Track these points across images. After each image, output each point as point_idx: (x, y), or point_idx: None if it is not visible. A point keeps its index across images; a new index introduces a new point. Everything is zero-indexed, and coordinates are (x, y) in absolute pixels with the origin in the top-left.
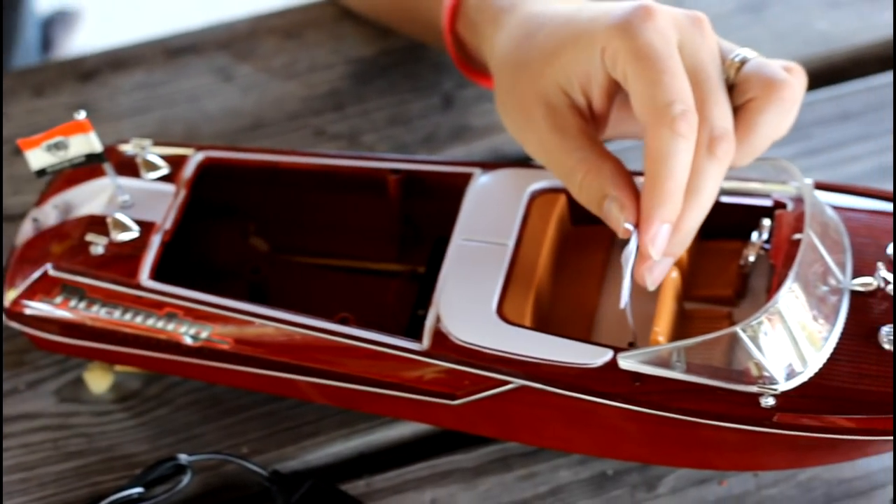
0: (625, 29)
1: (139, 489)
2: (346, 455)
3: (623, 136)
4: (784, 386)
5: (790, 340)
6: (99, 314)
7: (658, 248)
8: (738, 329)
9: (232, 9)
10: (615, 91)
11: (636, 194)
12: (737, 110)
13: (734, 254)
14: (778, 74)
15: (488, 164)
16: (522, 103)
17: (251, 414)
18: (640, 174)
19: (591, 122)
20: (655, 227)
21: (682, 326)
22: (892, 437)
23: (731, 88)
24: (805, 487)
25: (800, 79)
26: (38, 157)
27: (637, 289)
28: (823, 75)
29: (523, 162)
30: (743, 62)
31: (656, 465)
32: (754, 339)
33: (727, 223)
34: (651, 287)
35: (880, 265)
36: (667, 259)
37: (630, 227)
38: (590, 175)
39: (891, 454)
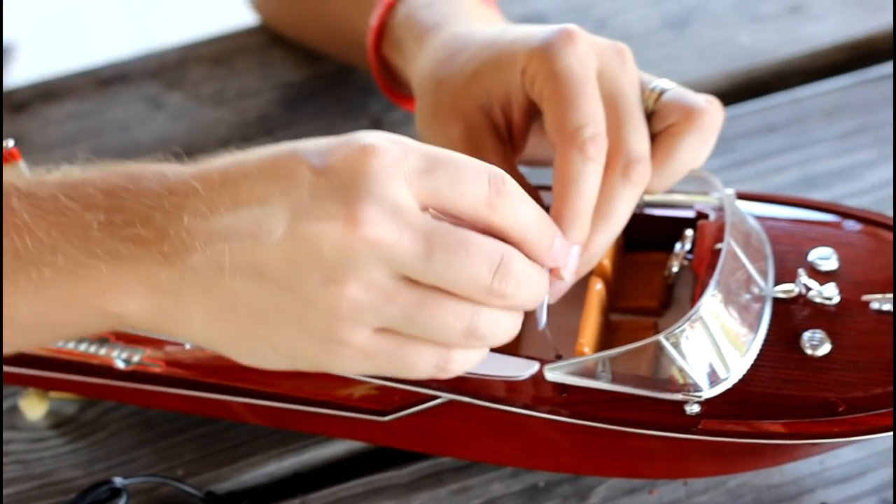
0: (545, 51)
1: None
2: (280, 474)
3: (539, 160)
4: (708, 393)
5: (713, 347)
6: None
7: (570, 269)
8: (661, 338)
9: (162, 38)
10: (533, 113)
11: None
12: (655, 137)
13: (659, 265)
14: (697, 103)
15: None
16: (442, 122)
17: (186, 436)
18: (549, 188)
19: (508, 144)
20: (565, 280)
21: (608, 338)
22: (817, 441)
23: (650, 116)
24: (734, 494)
25: (717, 109)
26: None
27: (563, 302)
28: (747, 89)
29: None
30: (662, 92)
31: (586, 475)
32: (677, 348)
33: (651, 235)
34: (551, 300)
35: (801, 272)
36: (572, 279)
37: None
38: None
39: (816, 458)
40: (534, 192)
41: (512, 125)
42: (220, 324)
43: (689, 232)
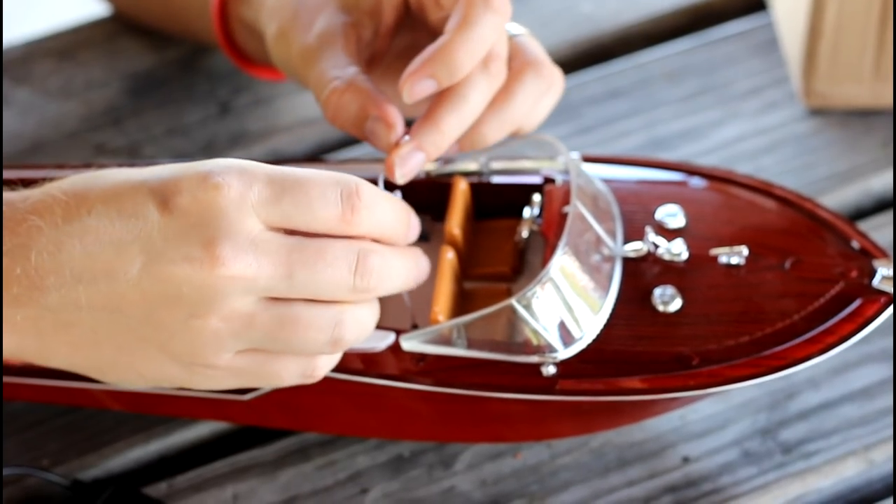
0: None
1: None
2: (146, 459)
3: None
4: (564, 354)
5: (566, 309)
6: None
7: (416, 95)
8: (513, 301)
9: (5, 34)
10: (401, 20)
11: (398, 116)
12: None
13: (509, 231)
14: (542, 55)
15: (271, 163)
16: (301, 27)
17: (49, 426)
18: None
19: (365, 46)
20: (425, 75)
21: (463, 306)
22: (673, 395)
23: None
24: (598, 453)
25: (561, 74)
26: None
27: None
28: (591, 56)
29: (303, 159)
30: (512, 37)
31: (450, 442)
32: (530, 310)
33: (500, 202)
34: (400, 181)
35: (649, 230)
36: (418, 154)
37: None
38: (349, 93)
39: (677, 413)
40: (388, 99)
41: (379, 22)
42: (83, 354)
43: (536, 197)
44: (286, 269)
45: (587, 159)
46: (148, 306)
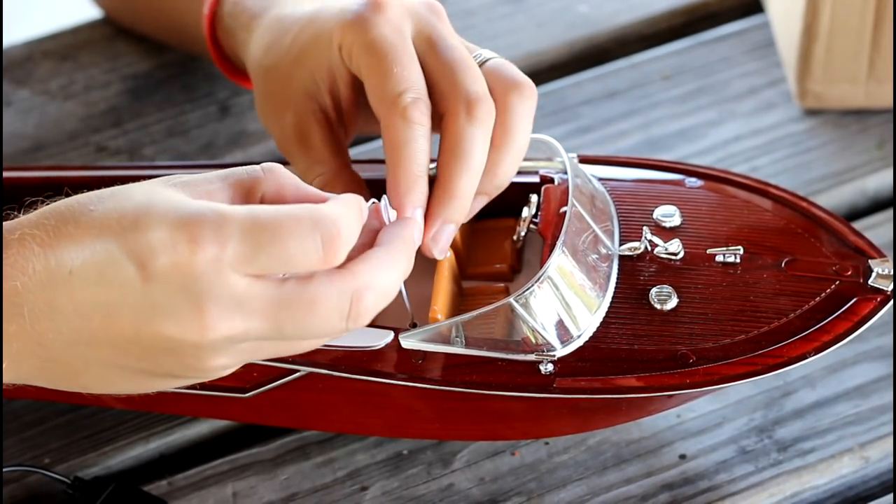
0: (356, 23)
1: None
2: (147, 457)
3: (378, 130)
4: (561, 352)
5: (564, 307)
6: None
7: (440, 247)
8: (511, 300)
9: (5, 35)
10: (360, 87)
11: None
12: None
13: (507, 231)
14: (521, 75)
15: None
16: (274, 111)
17: (50, 424)
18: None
19: (338, 128)
20: (409, 212)
21: (462, 305)
22: (670, 392)
23: None
24: (595, 451)
25: (531, 81)
26: None
27: (416, 273)
28: (588, 56)
29: None
30: (485, 61)
31: (449, 440)
32: (528, 309)
33: (499, 203)
34: (440, 256)
35: (646, 229)
36: (448, 227)
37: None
38: (329, 187)
39: (674, 412)
40: (362, 186)
41: (341, 102)
42: (94, 387)
43: (534, 197)
44: (275, 324)
45: (584, 160)
46: (151, 357)
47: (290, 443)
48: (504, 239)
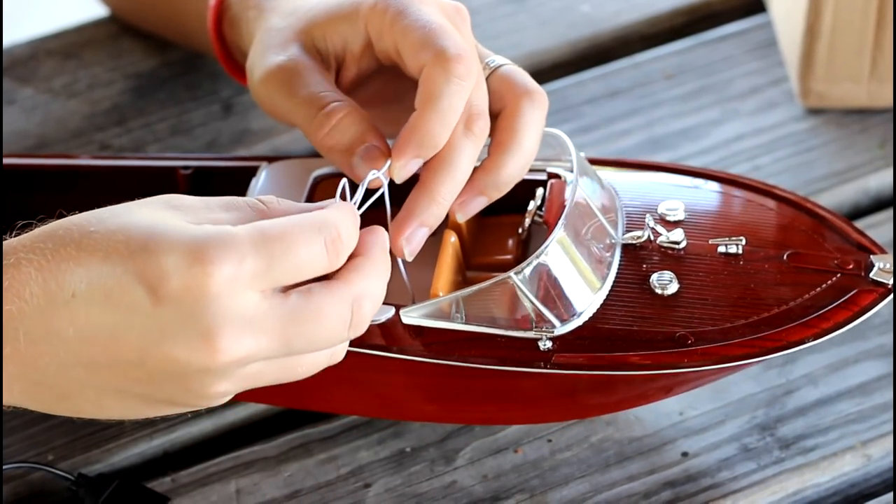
0: (390, 4)
1: None
2: (150, 454)
3: None
4: (561, 329)
5: (564, 285)
6: None
7: (407, 175)
8: (511, 275)
9: (9, 34)
10: (364, 72)
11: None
12: (494, 118)
13: (514, 226)
14: (532, 82)
15: (273, 158)
16: (280, 64)
17: (54, 421)
18: None
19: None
20: (405, 160)
21: None
22: (667, 371)
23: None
24: (597, 448)
25: (542, 90)
26: None
27: (420, 259)
28: (591, 56)
29: (306, 156)
30: (497, 67)
31: (444, 422)
32: (528, 285)
33: (506, 200)
34: (409, 258)
35: (649, 217)
36: (422, 230)
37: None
38: (350, 118)
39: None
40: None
41: (341, 74)
42: (86, 413)
43: (539, 190)
44: (284, 340)
45: (592, 162)
46: (153, 381)
47: (293, 440)
48: (510, 233)
